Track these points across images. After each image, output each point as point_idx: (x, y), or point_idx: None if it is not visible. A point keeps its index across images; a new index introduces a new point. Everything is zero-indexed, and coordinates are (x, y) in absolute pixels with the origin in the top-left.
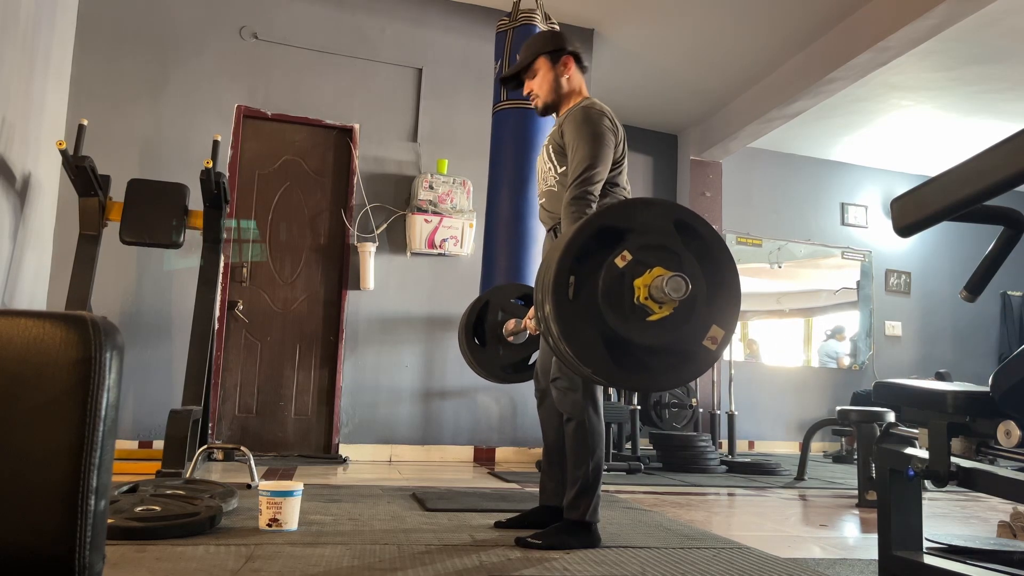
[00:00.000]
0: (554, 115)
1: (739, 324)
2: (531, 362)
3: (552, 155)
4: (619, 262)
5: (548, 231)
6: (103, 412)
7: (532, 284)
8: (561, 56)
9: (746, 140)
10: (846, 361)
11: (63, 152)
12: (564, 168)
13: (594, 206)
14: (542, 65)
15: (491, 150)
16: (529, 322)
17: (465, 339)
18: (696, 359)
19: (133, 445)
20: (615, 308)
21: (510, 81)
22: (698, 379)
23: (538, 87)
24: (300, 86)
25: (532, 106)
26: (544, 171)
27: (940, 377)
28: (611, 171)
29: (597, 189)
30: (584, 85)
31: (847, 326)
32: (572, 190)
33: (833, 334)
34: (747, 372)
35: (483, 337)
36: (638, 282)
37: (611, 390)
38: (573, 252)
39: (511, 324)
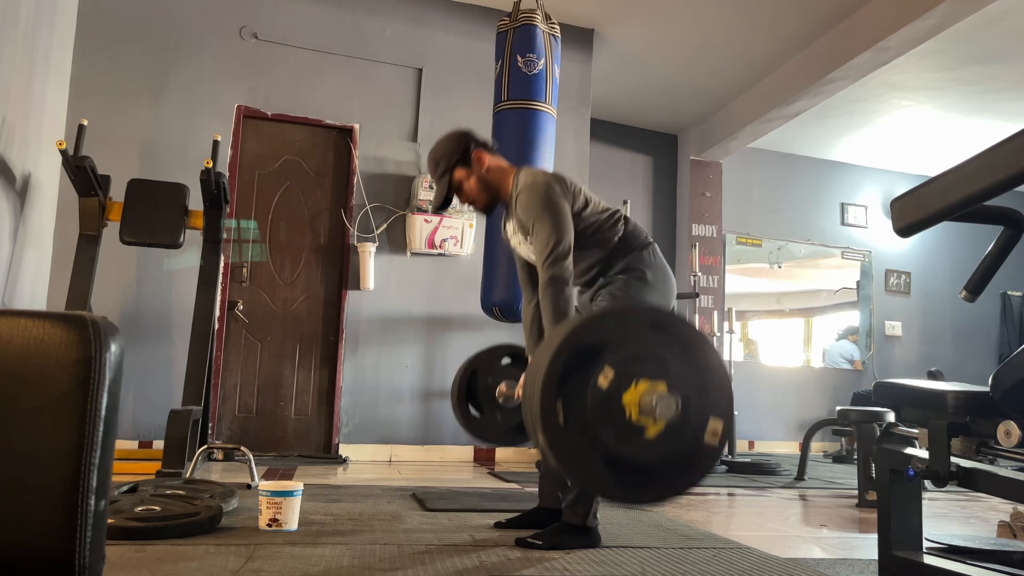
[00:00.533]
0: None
1: (739, 324)
2: None
3: (520, 234)
4: (603, 382)
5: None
6: (103, 412)
7: (514, 341)
8: (469, 156)
9: (746, 140)
10: (861, 363)
11: (63, 152)
12: None
13: (569, 281)
14: (460, 175)
15: None
16: (520, 391)
17: (459, 409)
18: (700, 460)
19: (133, 445)
20: (610, 430)
21: (443, 208)
22: None
23: (470, 196)
24: (300, 86)
25: (476, 211)
26: (519, 246)
27: (932, 376)
28: (590, 218)
29: (568, 261)
30: (503, 161)
31: (856, 326)
32: (545, 271)
33: (845, 335)
34: (747, 372)
35: (477, 404)
36: (626, 399)
37: None
38: (555, 378)
39: (503, 387)
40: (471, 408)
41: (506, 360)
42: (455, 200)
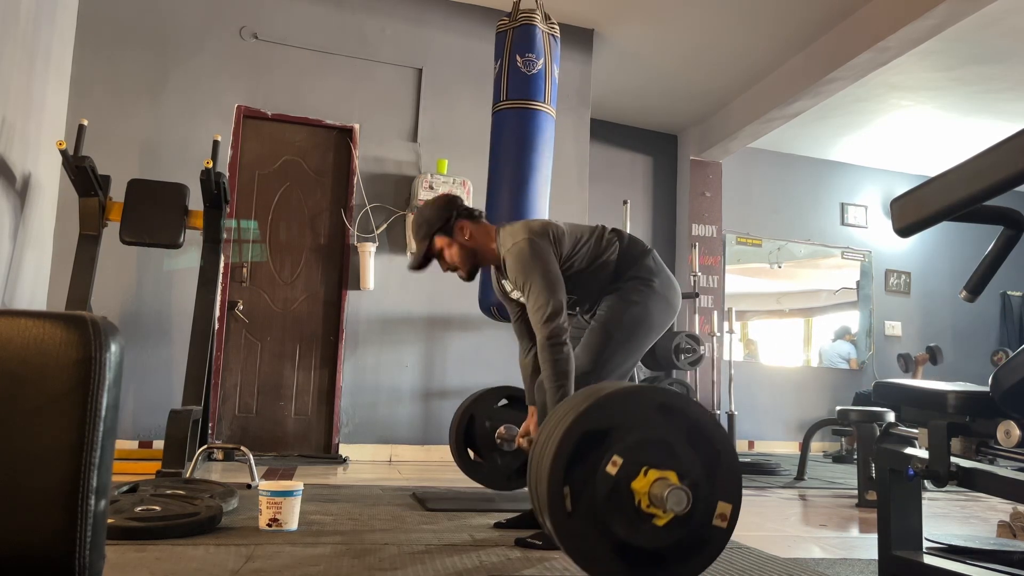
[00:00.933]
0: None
1: (739, 324)
2: None
3: (514, 289)
4: (611, 470)
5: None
6: (103, 412)
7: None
8: (452, 226)
9: (746, 140)
10: (857, 361)
11: (63, 152)
12: None
13: (566, 340)
14: (442, 242)
15: (491, 150)
16: (521, 441)
17: (459, 457)
18: (711, 542)
19: (133, 445)
20: (618, 517)
21: (420, 268)
22: (698, 379)
23: (452, 262)
24: (300, 86)
25: (459, 276)
26: (513, 299)
27: (930, 351)
28: (585, 253)
29: (563, 318)
30: (486, 226)
31: (850, 326)
32: (541, 331)
33: (841, 335)
34: (747, 372)
35: (477, 449)
36: (635, 486)
37: None
38: (562, 464)
39: (503, 431)
40: (471, 453)
41: (503, 402)
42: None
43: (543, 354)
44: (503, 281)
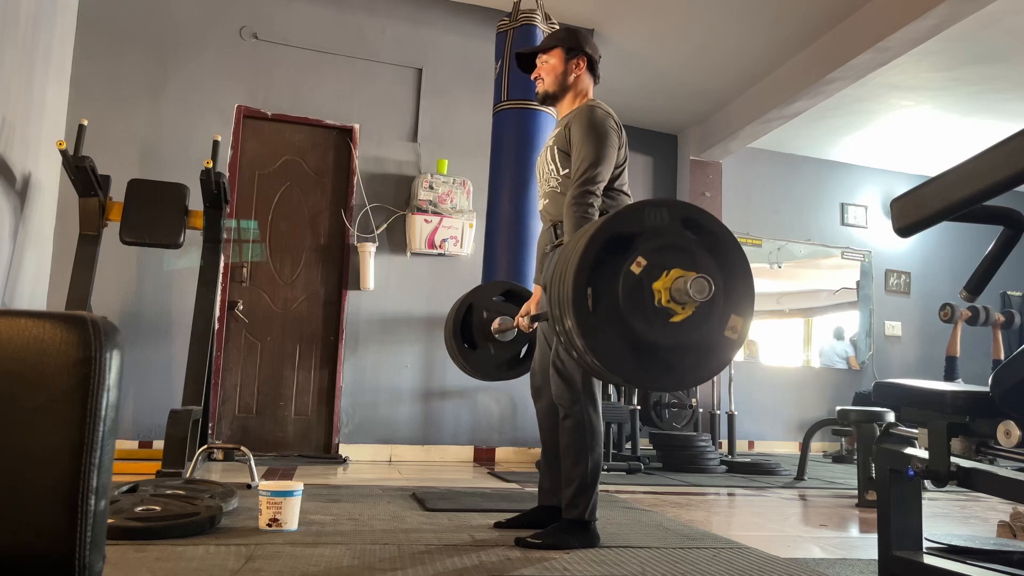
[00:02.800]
0: (554, 112)
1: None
2: (523, 355)
3: (556, 156)
4: (635, 269)
5: (547, 228)
6: (103, 412)
7: (525, 284)
8: (578, 55)
9: (746, 140)
10: (855, 359)
11: (63, 152)
12: (567, 170)
13: (596, 206)
14: (557, 55)
15: (492, 150)
16: (521, 320)
17: (454, 343)
18: (719, 351)
19: (133, 445)
20: (638, 314)
21: (523, 59)
22: None
23: (546, 72)
24: (300, 86)
25: (535, 91)
26: (546, 172)
27: (975, 311)
28: (616, 172)
29: (599, 189)
30: (591, 89)
31: (846, 325)
32: (574, 189)
33: (838, 335)
34: (747, 372)
35: (471, 339)
36: (657, 285)
37: (611, 389)
38: (588, 264)
39: (498, 323)
40: (465, 345)
41: (500, 297)
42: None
43: (568, 211)
44: (547, 142)
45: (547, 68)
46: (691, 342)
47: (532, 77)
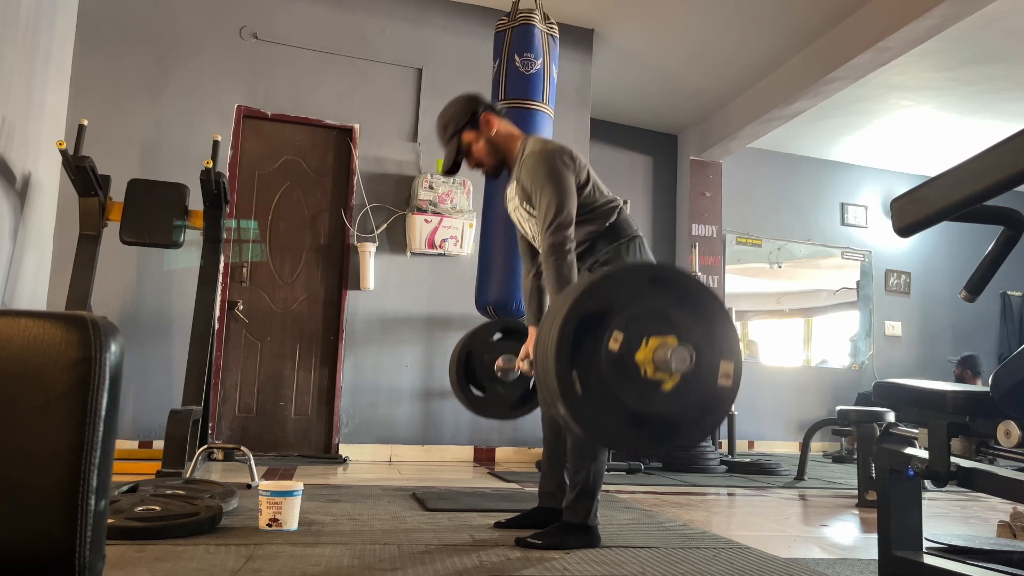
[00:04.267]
0: (510, 170)
1: (739, 324)
2: (533, 387)
3: (525, 206)
4: (613, 346)
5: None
6: (103, 412)
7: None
8: (478, 119)
9: (746, 140)
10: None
11: (63, 152)
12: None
13: (571, 249)
14: (469, 137)
15: None
16: (522, 364)
17: (463, 394)
18: (718, 402)
19: (133, 445)
20: (629, 389)
21: (452, 172)
22: None
23: (479, 158)
24: (300, 86)
25: (484, 174)
26: (521, 220)
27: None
28: (588, 196)
29: (570, 230)
30: (513, 127)
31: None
32: (547, 238)
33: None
34: (747, 372)
35: (479, 383)
36: (639, 357)
37: None
38: (566, 350)
39: (501, 362)
40: (473, 388)
41: (498, 335)
42: (463, 166)
43: (546, 263)
44: (508, 189)
45: (476, 156)
46: (688, 403)
47: (472, 168)
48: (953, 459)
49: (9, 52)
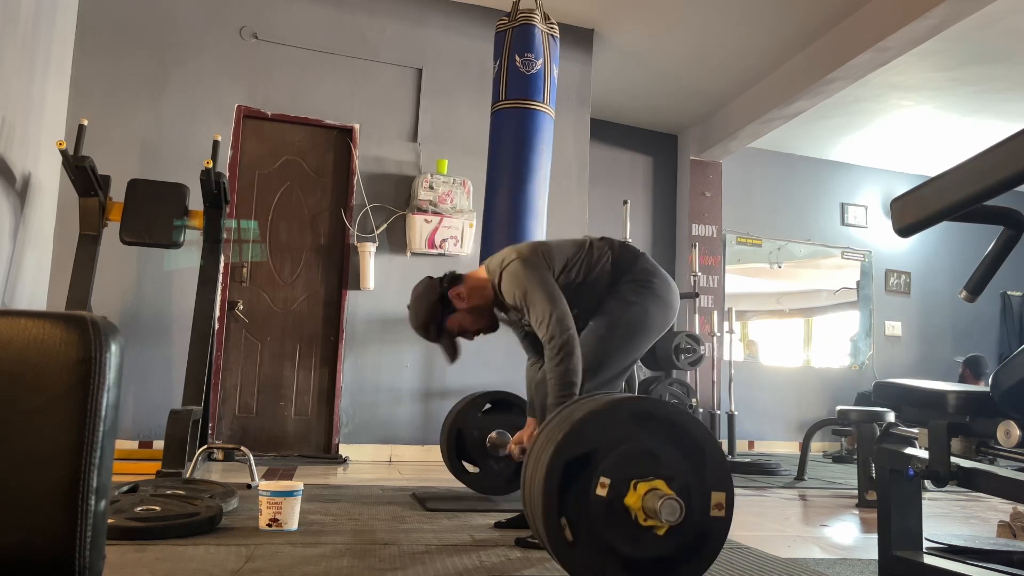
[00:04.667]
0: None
1: (739, 324)
2: None
3: (524, 319)
4: (601, 492)
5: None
6: (103, 412)
7: (508, 384)
8: (448, 297)
9: (746, 140)
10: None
11: (63, 152)
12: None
13: (575, 348)
14: (452, 324)
15: (489, 149)
16: (513, 449)
17: (456, 471)
18: (711, 536)
19: (133, 445)
20: (621, 535)
21: (457, 357)
22: (698, 379)
23: (473, 328)
24: (300, 86)
25: (484, 334)
26: (515, 322)
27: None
28: (579, 269)
29: (567, 323)
30: (475, 278)
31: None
32: (549, 343)
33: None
34: (747, 372)
35: (471, 458)
36: (628, 502)
37: None
38: (553, 497)
39: (494, 436)
40: (466, 465)
41: (487, 407)
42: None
43: (550, 365)
44: (512, 312)
45: (467, 328)
46: (683, 543)
47: (474, 338)
48: (953, 459)
49: (9, 52)
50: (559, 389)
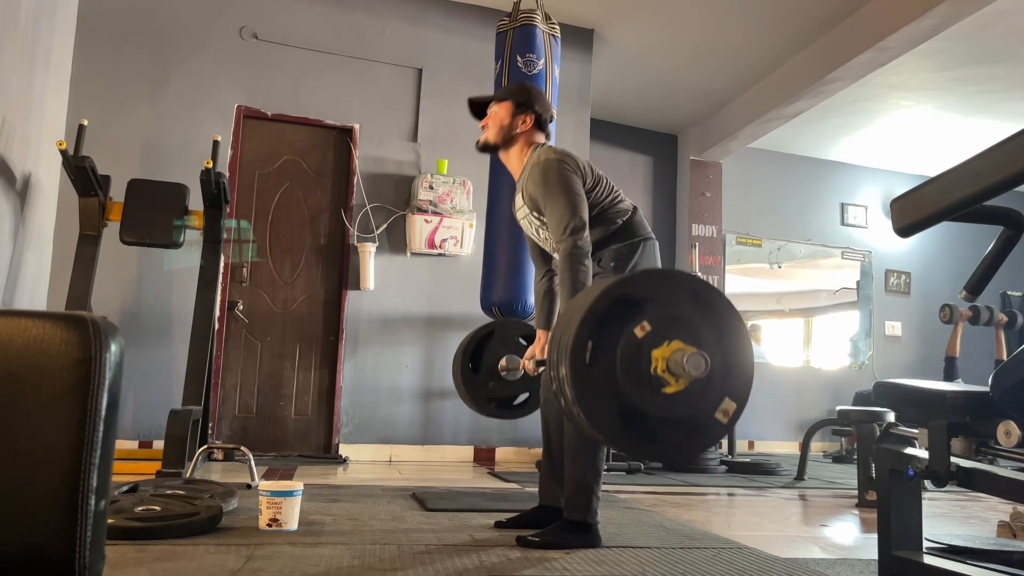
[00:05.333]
0: (502, 157)
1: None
2: (517, 403)
3: (530, 208)
4: (638, 332)
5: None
6: (103, 412)
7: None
8: (526, 111)
9: (746, 140)
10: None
11: (63, 152)
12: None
13: (588, 252)
14: (506, 108)
15: None
16: (527, 363)
17: (460, 362)
18: (706, 432)
19: (133, 445)
20: (631, 378)
21: (476, 106)
22: None
23: (492, 122)
24: (300, 86)
25: (478, 140)
26: (527, 221)
27: (975, 310)
28: (597, 198)
29: (584, 235)
30: (532, 138)
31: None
32: (563, 247)
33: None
34: None
35: (478, 365)
36: (656, 353)
37: None
38: (594, 319)
39: (505, 360)
40: (471, 367)
41: (522, 340)
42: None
43: (561, 268)
44: (516, 198)
45: (493, 119)
46: (680, 417)
47: (480, 125)
48: (953, 459)
49: (9, 52)
50: (571, 290)
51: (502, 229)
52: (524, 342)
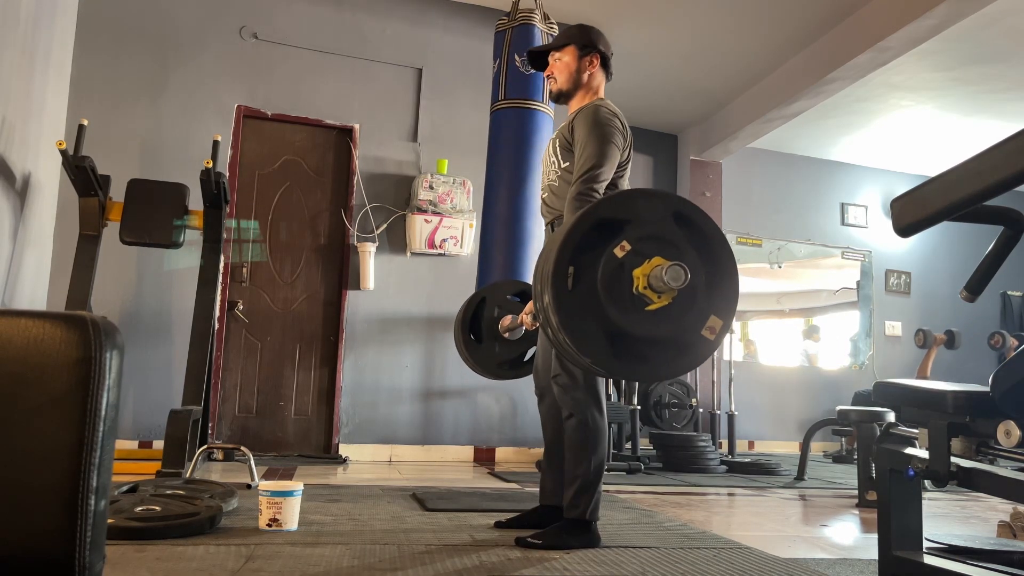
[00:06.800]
0: (567, 107)
1: (739, 324)
2: (527, 359)
3: (558, 150)
4: (618, 252)
5: (547, 225)
6: (103, 412)
7: (528, 281)
8: (591, 52)
9: (746, 140)
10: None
11: (63, 152)
12: (567, 164)
13: (597, 199)
14: (570, 52)
15: (488, 149)
16: (526, 317)
17: (461, 335)
18: (694, 349)
19: (133, 445)
20: (614, 298)
21: (536, 58)
22: (698, 379)
23: (559, 71)
24: (300, 86)
25: (548, 88)
26: (548, 165)
27: (949, 335)
28: (615, 173)
29: (601, 187)
30: (602, 87)
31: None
32: (577, 186)
33: (809, 334)
34: (747, 372)
35: (479, 334)
36: (637, 272)
37: (611, 389)
38: (573, 243)
39: (507, 320)
40: (472, 337)
41: (515, 298)
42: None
43: (569, 207)
44: (552, 141)
45: (560, 66)
46: (666, 335)
47: (545, 75)
48: (953, 459)
49: (9, 52)
50: None
51: (498, 227)
52: (517, 299)
